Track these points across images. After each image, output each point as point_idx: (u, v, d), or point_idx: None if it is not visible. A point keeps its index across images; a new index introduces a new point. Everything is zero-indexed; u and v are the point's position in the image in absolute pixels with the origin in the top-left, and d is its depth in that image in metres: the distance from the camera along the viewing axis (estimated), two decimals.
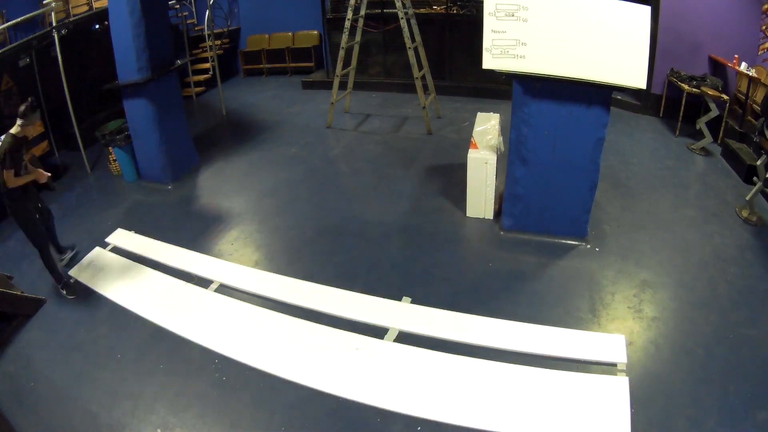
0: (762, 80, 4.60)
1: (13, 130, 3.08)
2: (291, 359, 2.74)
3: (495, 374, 2.56)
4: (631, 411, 2.30)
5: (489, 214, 3.92)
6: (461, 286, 3.27)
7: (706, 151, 4.99)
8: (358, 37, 5.97)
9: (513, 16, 3.07)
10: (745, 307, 2.98)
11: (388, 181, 4.50)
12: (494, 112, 4.27)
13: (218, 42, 7.85)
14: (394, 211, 4.17)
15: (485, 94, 6.72)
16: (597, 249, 3.54)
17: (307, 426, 2.40)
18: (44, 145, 4.93)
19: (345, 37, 5.71)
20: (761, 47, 5.01)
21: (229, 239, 3.92)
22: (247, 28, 8.67)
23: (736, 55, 5.07)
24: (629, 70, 2.99)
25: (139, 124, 4.64)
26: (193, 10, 8.00)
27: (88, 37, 5.80)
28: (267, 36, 8.53)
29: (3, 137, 3.09)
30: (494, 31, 3.14)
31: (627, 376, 2.49)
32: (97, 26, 5.95)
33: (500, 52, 3.18)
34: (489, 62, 3.22)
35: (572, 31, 3.00)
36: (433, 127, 5.70)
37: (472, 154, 3.76)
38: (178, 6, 7.10)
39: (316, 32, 8.24)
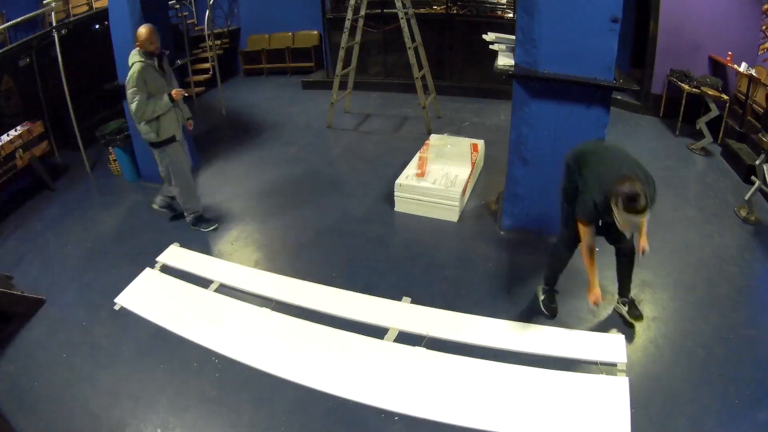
0: (762, 80, 4.60)
1: None
2: (291, 359, 2.74)
3: (495, 374, 2.57)
4: (631, 411, 2.30)
5: None
6: (461, 286, 3.27)
7: (706, 151, 4.99)
8: (358, 37, 5.97)
9: None
10: (745, 307, 2.98)
11: (388, 181, 4.49)
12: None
13: (218, 42, 7.85)
14: (394, 211, 4.17)
15: (485, 94, 6.72)
16: (597, 249, 3.53)
17: (307, 426, 2.40)
18: (44, 145, 4.93)
19: (345, 37, 5.71)
20: (761, 47, 5.01)
21: (229, 239, 3.92)
22: (247, 28, 8.66)
23: (729, 52, 5.07)
24: None
25: None
26: (193, 10, 8.00)
27: (88, 37, 5.79)
28: (267, 36, 8.53)
29: None
30: None
31: (627, 376, 2.49)
32: (97, 26, 5.95)
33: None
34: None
35: None
36: (433, 127, 5.70)
37: None
38: (178, 6, 7.08)
39: (316, 32, 8.24)
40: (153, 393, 2.62)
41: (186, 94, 3.65)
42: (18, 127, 4.70)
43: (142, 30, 3.43)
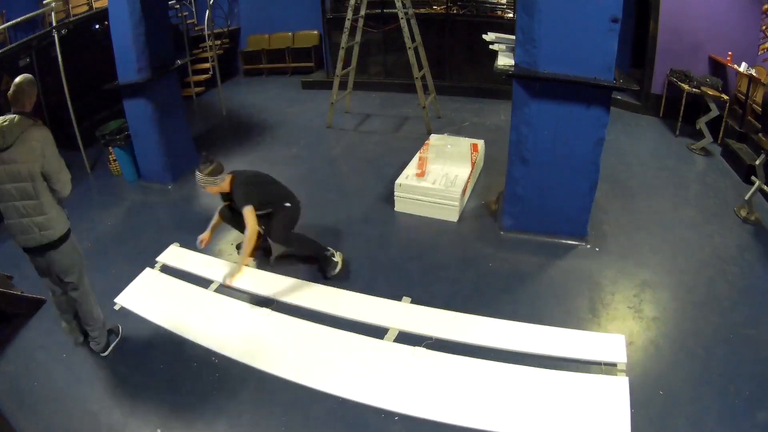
0: (762, 80, 4.60)
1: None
2: (291, 359, 2.74)
3: (495, 374, 2.57)
4: (631, 411, 2.30)
5: None
6: (461, 286, 3.27)
7: (706, 151, 4.99)
8: (358, 37, 5.97)
9: None
10: (745, 307, 2.98)
11: (388, 181, 4.49)
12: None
13: (218, 42, 7.85)
14: (394, 211, 4.17)
15: (485, 94, 6.72)
16: (597, 249, 3.54)
17: (307, 426, 2.40)
18: None
19: (345, 37, 5.71)
20: (761, 47, 5.01)
21: (229, 239, 3.92)
22: (247, 28, 8.67)
23: (729, 52, 5.07)
24: None
25: (139, 124, 4.64)
26: (193, 10, 8.00)
27: (88, 37, 5.79)
28: (267, 36, 8.53)
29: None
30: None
31: (627, 376, 2.49)
32: (97, 26, 5.95)
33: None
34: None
35: None
36: (433, 127, 5.70)
37: None
38: (178, 6, 7.09)
39: (316, 32, 8.24)
40: (153, 393, 2.62)
41: None
42: None
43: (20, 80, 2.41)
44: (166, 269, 3.56)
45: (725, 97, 4.88)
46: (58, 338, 3.03)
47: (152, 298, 3.29)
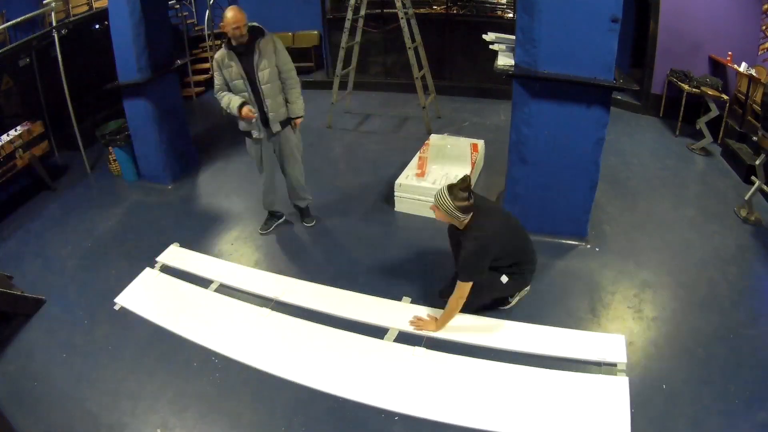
0: (762, 80, 4.60)
1: None
2: (291, 359, 2.74)
3: (495, 374, 2.57)
4: (631, 411, 2.30)
5: None
6: None
7: (706, 151, 4.99)
8: (358, 37, 5.97)
9: None
10: (745, 307, 2.98)
11: (388, 181, 4.49)
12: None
13: (218, 42, 7.84)
14: (394, 211, 4.17)
15: (485, 94, 6.71)
16: (597, 249, 3.55)
17: (307, 426, 2.40)
18: (44, 145, 4.92)
19: (345, 37, 5.71)
20: (761, 47, 5.01)
21: (229, 239, 3.92)
22: None
23: (729, 52, 5.07)
24: None
25: (139, 124, 4.64)
26: (193, 10, 8.00)
27: (88, 37, 5.79)
28: None
29: None
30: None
31: (627, 376, 2.49)
32: (97, 26, 5.95)
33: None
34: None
35: None
36: (433, 127, 5.70)
37: None
38: (178, 6, 7.09)
39: (316, 32, 8.23)
40: (153, 393, 2.62)
41: (253, 117, 3.34)
42: (18, 127, 4.70)
43: (225, 12, 3.25)
44: (166, 269, 3.56)
45: (725, 97, 4.87)
46: (58, 338, 3.04)
47: (152, 298, 3.29)
